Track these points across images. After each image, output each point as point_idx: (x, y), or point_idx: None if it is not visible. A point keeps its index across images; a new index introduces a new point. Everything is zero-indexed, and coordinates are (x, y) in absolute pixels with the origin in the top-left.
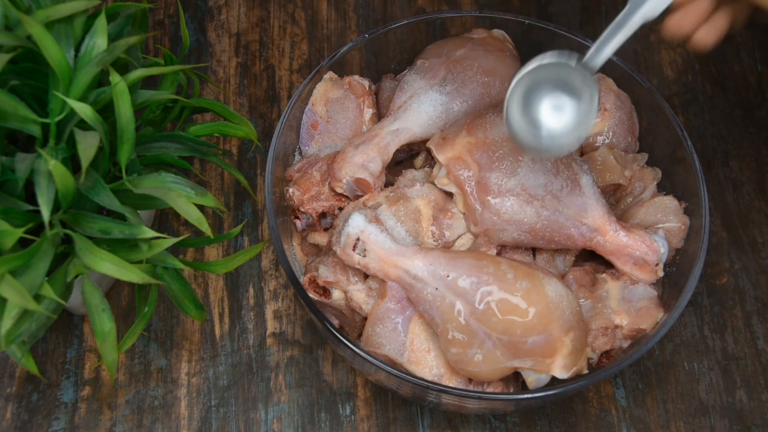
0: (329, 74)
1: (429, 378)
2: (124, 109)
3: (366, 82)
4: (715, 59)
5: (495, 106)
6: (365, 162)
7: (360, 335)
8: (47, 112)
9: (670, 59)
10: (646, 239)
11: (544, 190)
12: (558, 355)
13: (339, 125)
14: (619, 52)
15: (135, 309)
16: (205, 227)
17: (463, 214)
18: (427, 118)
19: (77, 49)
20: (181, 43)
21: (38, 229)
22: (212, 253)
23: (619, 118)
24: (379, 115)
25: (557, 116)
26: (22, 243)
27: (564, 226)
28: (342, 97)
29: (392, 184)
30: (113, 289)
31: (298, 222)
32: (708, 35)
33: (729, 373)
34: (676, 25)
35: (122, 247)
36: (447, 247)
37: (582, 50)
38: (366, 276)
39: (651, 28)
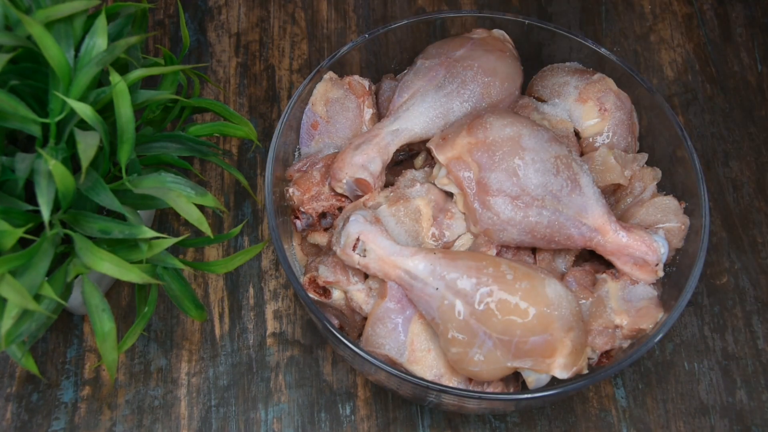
0: (329, 74)
1: (429, 378)
2: (124, 109)
3: (366, 82)
4: (715, 59)
5: (495, 106)
6: (365, 162)
7: (360, 335)
8: (47, 112)
9: (670, 59)
10: (646, 239)
11: (544, 191)
12: (558, 355)
13: (339, 125)
14: (619, 51)
15: (135, 309)
16: (205, 227)
17: (463, 214)
18: (427, 118)
19: (77, 49)
20: (181, 43)
21: (38, 229)
22: (212, 253)
23: (619, 118)
24: (379, 115)
25: None
26: (22, 243)
27: (564, 227)
28: (342, 97)
29: (392, 184)
30: (113, 289)
31: (298, 222)
32: None
33: (729, 373)
34: None
35: (122, 247)
36: (447, 247)
37: (581, 50)
38: (366, 276)
39: (651, 28)
